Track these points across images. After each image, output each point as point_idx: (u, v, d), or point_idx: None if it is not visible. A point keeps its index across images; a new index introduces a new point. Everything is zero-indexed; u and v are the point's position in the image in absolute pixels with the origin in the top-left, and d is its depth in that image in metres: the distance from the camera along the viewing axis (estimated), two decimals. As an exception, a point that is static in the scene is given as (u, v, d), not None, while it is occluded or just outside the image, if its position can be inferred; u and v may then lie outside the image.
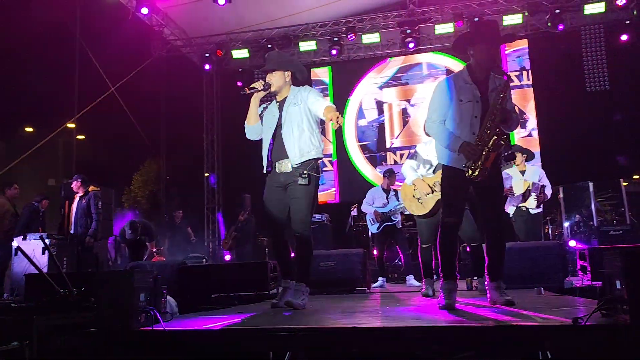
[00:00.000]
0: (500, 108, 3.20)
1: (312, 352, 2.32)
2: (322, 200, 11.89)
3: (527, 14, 10.60)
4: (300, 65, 4.01)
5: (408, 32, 10.92)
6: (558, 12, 10.45)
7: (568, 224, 9.37)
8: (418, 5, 11.05)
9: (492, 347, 2.10)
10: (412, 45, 11.07)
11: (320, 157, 3.77)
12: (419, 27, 11.09)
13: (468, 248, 7.14)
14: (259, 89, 3.78)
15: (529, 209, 6.57)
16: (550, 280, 4.93)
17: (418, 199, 4.81)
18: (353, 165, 12.16)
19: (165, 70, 12.22)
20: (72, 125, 12.40)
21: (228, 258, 10.05)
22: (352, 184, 11.94)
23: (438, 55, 11.96)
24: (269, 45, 11.43)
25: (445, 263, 3.38)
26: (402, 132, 12.06)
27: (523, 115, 11.48)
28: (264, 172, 3.86)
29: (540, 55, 11.64)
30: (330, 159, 12.23)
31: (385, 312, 3.27)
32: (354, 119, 12.30)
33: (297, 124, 3.70)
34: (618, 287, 2.11)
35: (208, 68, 12.07)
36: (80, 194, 7.48)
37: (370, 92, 12.27)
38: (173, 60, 12.44)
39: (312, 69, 12.41)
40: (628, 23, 10.70)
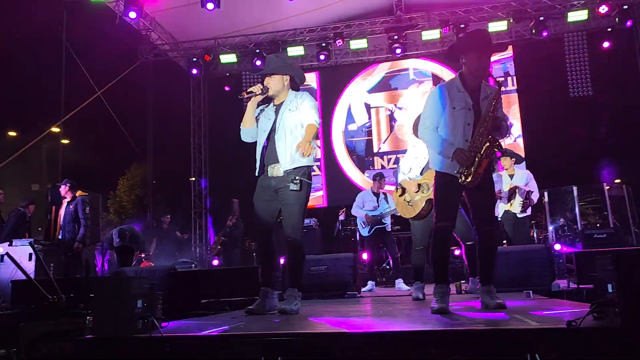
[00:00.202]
0: (493, 116, 3.26)
1: (306, 357, 2.33)
2: (310, 205, 11.74)
3: (512, 21, 10.75)
4: (299, 70, 4.00)
5: (395, 38, 11.03)
6: (542, 19, 10.63)
7: (553, 228, 9.51)
8: (405, 12, 11.16)
9: (488, 350, 2.13)
10: (399, 51, 11.18)
11: (311, 163, 3.75)
12: (406, 33, 11.21)
13: (457, 251, 7.24)
14: (257, 93, 3.74)
15: (516, 213, 6.67)
16: (538, 284, 4.99)
17: (408, 202, 4.85)
18: (341, 170, 12.20)
19: (153, 75, 12.17)
20: (57, 130, 12.28)
21: (216, 263, 10.01)
22: (340, 188, 11.98)
23: (424, 61, 12.08)
24: (257, 50, 11.45)
25: (438, 267, 3.42)
26: (389, 136, 12.14)
27: (507, 121, 11.62)
28: (256, 174, 3.86)
29: (525, 62, 11.81)
30: (318, 164, 12.25)
31: (378, 316, 3.29)
32: (342, 124, 12.35)
33: (290, 130, 3.68)
34: (610, 290, 2.17)
35: (195, 72, 12.04)
36: (68, 199, 7.39)
37: (360, 96, 12.34)
38: (160, 65, 12.40)
39: (300, 74, 12.42)
40: (610, 30, 10.94)
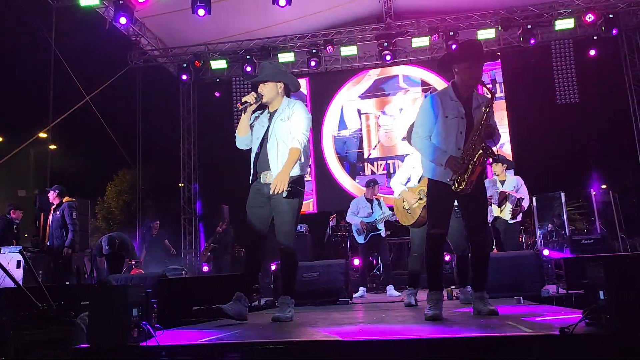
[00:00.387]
0: (486, 124, 3.31)
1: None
2: (300, 211, 11.87)
3: (500, 29, 10.88)
4: (293, 77, 3.97)
5: (385, 45, 11.10)
6: (530, 27, 10.77)
7: (541, 233, 9.60)
8: (395, 19, 11.24)
9: (482, 357, 2.16)
10: (389, 58, 11.25)
11: (304, 173, 3.76)
12: (396, 40, 11.29)
13: (448, 257, 7.29)
14: (252, 103, 3.72)
15: (507, 220, 6.74)
16: (528, 289, 5.04)
17: (407, 210, 4.93)
18: (331, 176, 12.21)
19: (142, 80, 12.12)
20: (44, 135, 12.17)
21: (206, 269, 9.98)
22: (330, 194, 11.99)
23: (414, 68, 12.17)
24: (248, 57, 11.46)
25: (432, 273, 3.46)
26: (379, 142, 12.19)
27: (497, 129, 11.73)
28: (250, 182, 3.85)
29: (513, 69, 11.95)
30: (309, 169, 12.26)
31: (372, 323, 3.31)
32: (332, 130, 12.38)
33: (282, 140, 3.67)
34: (601, 297, 2.21)
35: (185, 78, 12.01)
36: (55, 205, 7.34)
37: (351, 102, 12.39)
38: (150, 70, 12.35)
39: (290, 80, 12.46)
40: (596, 38, 11.12)
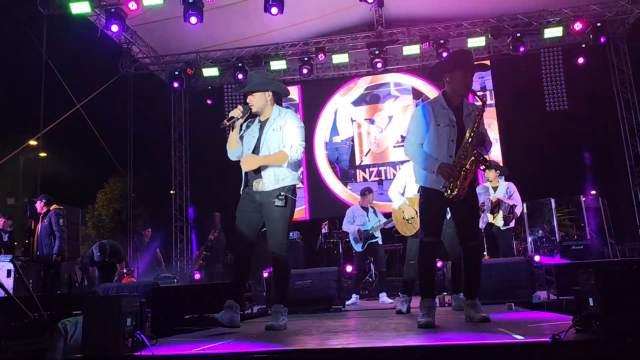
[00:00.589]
0: (477, 132, 3.35)
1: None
2: (293, 218, 11.88)
3: (490, 37, 11.01)
4: (281, 84, 3.96)
5: (376, 52, 11.18)
6: (519, 35, 10.91)
7: (532, 239, 9.67)
8: (386, 27, 11.33)
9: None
10: (380, 66, 11.33)
11: (296, 183, 3.77)
12: (387, 48, 11.37)
13: (440, 264, 7.31)
14: (238, 117, 3.69)
15: (499, 227, 6.79)
16: (520, 296, 5.09)
17: (407, 221, 5.07)
18: (323, 183, 12.24)
19: (133, 88, 12.09)
20: (34, 143, 12.10)
21: (198, 277, 9.95)
22: (322, 202, 12.02)
23: (405, 75, 12.26)
24: (240, 64, 11.49)
25: (424, 281, 3.48)
26: (370, 150, 12.25)
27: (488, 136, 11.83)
28: (241, 191, 3.86)
29: (502, 76, 12.07)
30: (300, 177, 12.26)
31: (366, 331, 3.32)
32: (325, 137, 12.42)
33: (274, 150, 3.68)
34: (591, 304, 2.24)
35: (177, 86, 12.01)
36: (43, 214, 7.33)
37: (344, 109, 12.44)
38: (141, 78, 12.32)
39: (282, 88, 12.51)
40: (584, 46, 11.27)
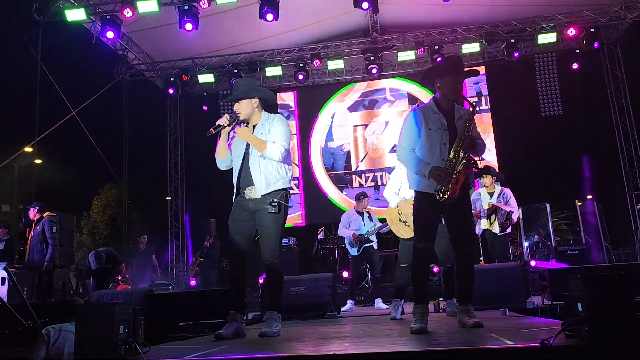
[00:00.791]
0: (468, 135, 3.39)
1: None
2: (288, 224, 11.87)
3: (484, 43, 11.07)
4: (266, 90, 3.99)
5: (371, 58, 11.23)
6: (513, 41, 10.97)
7: (527, 244, 9.68)
8: (381, 33, 11.39)
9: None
10: (375, 71, 11.38)
11: (287, 186, 3.78)
12: (382, 54, 11.43)
13: (436, 269, 7.32)
14: (225, 125, 3.73)
15: (496, 233, 6.82)
16: (514, 301, 5.10)
17: (405, 222, 4.85)
18: (319, 189, 12.25)
19: (129, 94, 12.10)
20: (29, 149, 12.09)
21: (194, 283, 9.94)
22: (318, 207, 12.02)
23: (400, 81, 12.31)
24: (235, 70, 11.51)
25: (418, 287, 3.49)
26: (366, 155, 12.27)
27: (482, 139, 11.87)
28: (233, 199, 3.87)
29: (497, 82, 12.13)
30: (296, 182, 12.30)
31: (358, 337, 3.32)
32: (321, 143, 12.44)
33: (263, 156, 3.69)
34: (580, 309, 2.26)
35: (172, 92, 12.03)
36: (36, 220, 7.32)
37: (339, 115, 12.48)
38: (137, 85, 12.34)
39: (277, 93, 12.57)
40: (578, 52, 11.34)
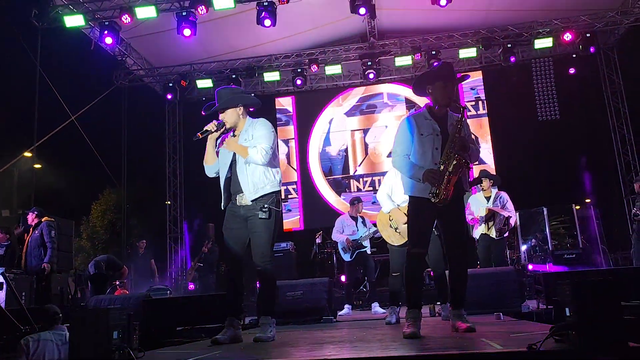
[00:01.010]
0: (459, 137, 3.43)
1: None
2: (287, 228, 11.95)
3: (481, 48, 11.13)
4: (250, 97, 4.01)
5: (369, 64, 11.29)
6: (510, 46, 11.03)
7: (525, 248, 9.71)
8: (378, 39, 11.44)
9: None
10: (372, 77, 11.43)
11: (277, 189, 3.78)
12: (380, 59, 11.49)
13: (432, 273, 7.34)
14: (212, 131, 3.77)
15: (493, 237, 6.84)
16: (509, 305, 5.12)
17: (395, 229, 4.83)
18: (318, 193, 12.29)
19: (127, 99, 12.15)
20: (29, 155, 12.13)
21: (192, 288, 9.96)
22: (316, 212, 12.06)
23: (398, 86, 12.37)
24: (234, 76, 11.56)
25: (411, 292, 3.52)
26: (364, 159, 12.32)
27: (477, 144, 11.92)
28: (222, 207, 3.85)
29: (494, 86, 12.20)
30: (295, 187, 12.34)
31: (352, 342, 3.35)
32: (319, 147, 12.49)
33: (248, 161, 3.71)
34: (567, 313, 2.29)
35: (170, 97, 12.07)
36: (34, 225, 7.35)
37: (337, 120, 12.53)
38: (136, 90, 12.40)
39: (276, 98, 12.65)
40: (575, 57, 11.39)
